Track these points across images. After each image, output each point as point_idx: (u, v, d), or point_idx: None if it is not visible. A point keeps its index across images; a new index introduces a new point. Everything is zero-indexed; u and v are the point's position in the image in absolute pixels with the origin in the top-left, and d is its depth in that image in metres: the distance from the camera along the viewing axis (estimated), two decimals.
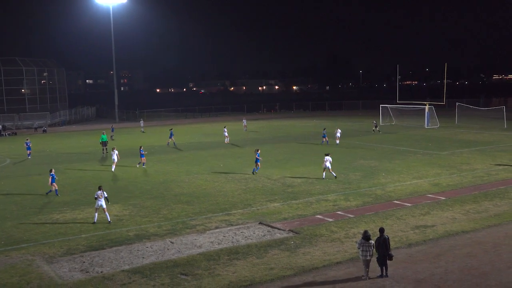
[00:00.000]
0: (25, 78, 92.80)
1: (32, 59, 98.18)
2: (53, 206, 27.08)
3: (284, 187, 30.58)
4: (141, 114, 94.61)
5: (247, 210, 25.51)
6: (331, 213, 24.60)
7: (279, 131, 66.82)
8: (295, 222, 23.18)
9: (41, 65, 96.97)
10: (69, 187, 31.94)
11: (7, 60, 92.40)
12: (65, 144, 57.48)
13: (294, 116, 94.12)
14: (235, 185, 31.46)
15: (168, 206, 26.71)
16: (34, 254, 19.61)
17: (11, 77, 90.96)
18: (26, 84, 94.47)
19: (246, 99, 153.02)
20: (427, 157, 40.81)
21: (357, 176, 33.66)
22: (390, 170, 35.24)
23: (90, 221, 23.92)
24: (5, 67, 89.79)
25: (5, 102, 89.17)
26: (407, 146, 47.24)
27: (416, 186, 30.32)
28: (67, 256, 19.28)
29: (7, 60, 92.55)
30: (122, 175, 35.99)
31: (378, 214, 24.24)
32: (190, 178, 34.32)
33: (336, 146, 47.89)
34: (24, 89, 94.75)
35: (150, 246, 20.22)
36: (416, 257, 18.49)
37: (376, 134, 59.18)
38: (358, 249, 16.71)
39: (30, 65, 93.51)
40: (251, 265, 17.98)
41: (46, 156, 46.91)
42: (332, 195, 28.27)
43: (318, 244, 20.00)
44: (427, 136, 56.18)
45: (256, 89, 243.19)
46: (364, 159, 40.35)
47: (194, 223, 23.35)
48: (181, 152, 47.29)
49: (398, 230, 21.58)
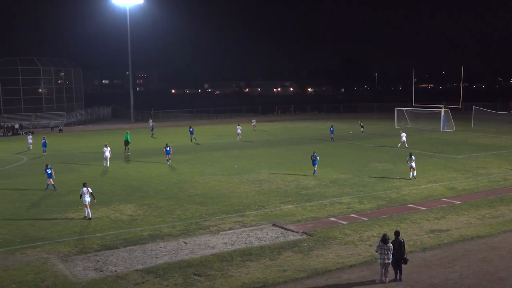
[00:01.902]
0: (42, 77, 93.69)
1: (49, 59, 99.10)
2: (68, 204, 27.29)
3: (298, 189, 30.53)
4: (156, 114, 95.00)
5: (261, 212, 25.50)
6: (345, 216, 24.50)
7: (294, 133, 66.73)
8: (309, 224, 23.12)
9: (58, 65, 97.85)
10: None
11: (25, 60, 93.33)
12: (81, 143, 57.95)
13: (308, 118, 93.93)
14: (249, 187, 31.46)
15: (182, 206, 26.79)
16: (49, 252, 19.78)
17: (28, 77, 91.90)
18: (43, 84, 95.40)
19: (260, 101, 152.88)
20: (443, 161, 40.49)
21: (372, 179, 33.50)
22: (405, 173, 35.00)
23: (105, 220, 24.08)
24: (22, 67, 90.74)
25: (22, 102, 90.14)
26: (423, 150, 46.89)
27: (431, 189, 30.09)
28: (81, 255, 19.42)
29: (24, 60, 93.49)
30: (136, 175, 36.19)
31: (392, 217, 24.09)
32: (204, 178, 34.39)
33: (406, 148, 47.11)
34: (41, 88, 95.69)
35: (163, 246, 20.29)
36: (431, 261, 18.34)
37: (365, 134, 61.76)
38: (377, 252, 16.64)
39: (47, 65, 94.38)
40: (264, 266, 17.97)
41: (62, 155, 47.32)
42: (346, 198, 28.15)
43: (331, 247, 19.92)
44: (443, 139, 55.75)
45: (271, 90, 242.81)
46: (378, 162, 40.15)
47: (208, 224, 23.39)
48: (195, 153, 47.42)
49: (413, 234, 21.43)
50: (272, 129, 72.84)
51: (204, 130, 72.68)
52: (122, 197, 29.15)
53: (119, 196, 29.43)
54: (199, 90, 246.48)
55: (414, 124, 71.41)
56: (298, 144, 53.13)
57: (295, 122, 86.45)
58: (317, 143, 53.51)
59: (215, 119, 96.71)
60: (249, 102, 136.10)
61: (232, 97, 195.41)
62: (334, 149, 48.77)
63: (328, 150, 47.57)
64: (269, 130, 70.41)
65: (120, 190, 31.14)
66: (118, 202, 28.01)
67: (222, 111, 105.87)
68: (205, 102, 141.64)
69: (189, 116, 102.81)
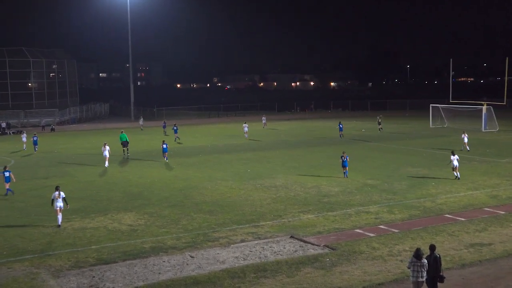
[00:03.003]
0: (33, 70, 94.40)
1: (41, 49, 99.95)
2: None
3: (319, 197, 30.46)
4: (160, 112, 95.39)
5: (277, 222, 25.46)
6: (372, 227, 24.39)
7: (314, 132, 66.65)
8: (331, 237, 23.05)
9: (50, 56, 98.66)
10: (78, 192, 32.38)
11: (13, 51, 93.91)
12: (75, 144, 58.36)
13: (331, 116, 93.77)
14: (264, 194, 31.46)
15: (188, 215, 26.84)
16: (39, 266, 19.88)
17: (17, 70, 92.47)
18: (34, 78, 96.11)
19: (277, 96, 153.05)
20: (484, 165, 40.19)
21: (403, 185, 33.33)
22: (442, 179, 34.76)
23: (102, 231, 24.19)
24: (10, 59, 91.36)
25: (10, 97, 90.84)
26: (461, 152, 46.58)
27: (471, 198, 29.86)
28: (75, 270, 19.50)
29: (12, 50, 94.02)
30: (136, 180, 36.35)
31: (426, 229, 23.94)
32: (213, 184, 34.45)
33: (467, 152, 46.81)
34: (31, 83, 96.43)
35: (167, 261, 20.33)
36: (471, 279, 18.18)
37: (382, 132, 63.50)
38: (409, 269, 16.48)
39: (38, 56, 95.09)
40: (281, 284, 17.93)
41: (54, 158, 47.69)
42: (374, 207, 28.04)
43: (357, 262, 19.83)
44: (485, 140, 55.32)
45: (288, 85, 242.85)
46: (411, 166, 39.96)
47: (217, 236, 23.41)
48: (203, 155, 47.54)
49: (450, 248, 21.26)
50: (290, 128, 72.79)
51: (213, 129, 72.87)
52: (121, 205, 29.27)
53: (118, 204, 29.56)
54: (208, 84, 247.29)
55: (452, 123, 70.95)
56: (319, 146, 53.01)
57: (316, 120, 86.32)
58: (341, 144, 53.37)
59: (225, 117, 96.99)
60: (264, 98, 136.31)
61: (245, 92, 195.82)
62: (360, 151, 48.60)
63: (354, 153, 47.34)
64: (287, 130, 70.38)
65: (118, 197, 31.29)
66: (117, 210, 28.12)
67: (233, 108, 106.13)
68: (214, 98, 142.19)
69: (196, 114, 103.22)
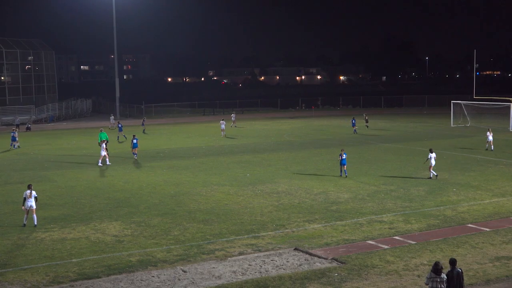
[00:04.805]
0: (6, 62, 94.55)
1: (15, 39, 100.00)
2: (38, 222, 27.46)
3: (326, 204, 30.48)
4: (148, 109, 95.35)
5: (280, 233, 25.49)
6: (386, 238, 24.41)
7: (321, 132, 66.64)
8: (340, 249, 23.08)
9: (25, 47, 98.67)
10: (58, 199, 32.38)
11: None
12: (54, 145, 58.36)
13: (340, 114, 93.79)
14: (265, 200, 31.48)
15: (180, 225, 26.86)
16: (13, 282, 19.89)
17: None
18: (7, 70, 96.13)
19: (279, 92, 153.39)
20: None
21: (421, 191, 33.35)
22: (464, 184, 34.78)
23: (84, 242, 24.21)
24: None
25: None
26: (486, 154, 46.59)
27: (497, 205, 29.88)
28: (53, 285, 19.51)
29: None
30: (122, 186, 36.37)
31: (447, 240, 23.96)
32: (208, 190, 34.47)
33: (492, 154, 47.06)
34: (4, 76, 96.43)
35: (156, 276, 20.35)
36: None
37: (368, 130, 65.28)
38: (427, 285, 16.51)
39: (11, 47, 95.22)
40: None
41: (30, 160, 47.68)
42: (388, 216, 28.06)
43: (369, 278, 19.86)
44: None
45: (292, 79, 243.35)
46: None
47: (213, 248, 23.43)
48: (197, 158, 47.58)
49: (473, 262, 21.29)
50: (294, 127, 72.78)
51: (208, 128, 72.87)
52: (105, 213, 29.28)
53: (101, 212, 29.56)
54: (202, 78, 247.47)
55: (475, 122, 70.95)
56: (327, 147, 53.01)
57: (323, 119, 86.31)
58: (351, 145, 53.37)
59: (221, 114, 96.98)
60: (265, 94, 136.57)
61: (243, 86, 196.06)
62: (373, 153, 48.62)
63: (366, 155, 47.43)
64: (290, 129, 70.36)
65: (102, 204, 31.29)
66: (100, 219, 28.13)
67: (231, 104, 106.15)
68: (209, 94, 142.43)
69: (189, 111, 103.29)
